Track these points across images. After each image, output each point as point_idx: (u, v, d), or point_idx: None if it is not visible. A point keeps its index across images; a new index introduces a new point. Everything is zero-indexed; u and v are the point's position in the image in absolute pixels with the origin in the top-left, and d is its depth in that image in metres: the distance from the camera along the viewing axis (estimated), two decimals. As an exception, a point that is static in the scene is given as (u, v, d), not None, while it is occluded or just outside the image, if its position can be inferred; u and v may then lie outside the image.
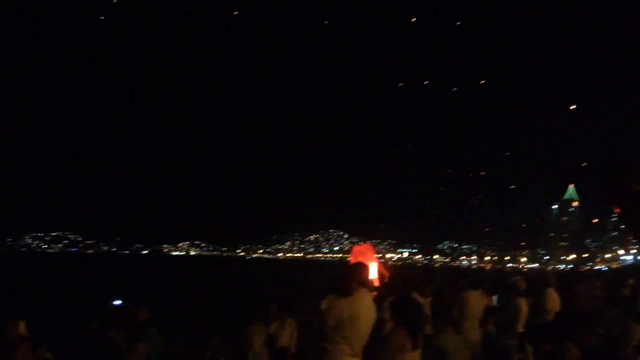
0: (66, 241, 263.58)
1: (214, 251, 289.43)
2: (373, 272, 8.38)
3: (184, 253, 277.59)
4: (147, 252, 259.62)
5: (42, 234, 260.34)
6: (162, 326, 6.85)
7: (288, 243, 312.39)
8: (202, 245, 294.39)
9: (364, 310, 4.14)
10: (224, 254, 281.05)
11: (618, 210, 3.50)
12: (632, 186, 3.11)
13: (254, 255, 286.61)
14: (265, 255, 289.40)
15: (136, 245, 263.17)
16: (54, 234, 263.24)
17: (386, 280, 7.53)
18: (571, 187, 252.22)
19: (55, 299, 27.97)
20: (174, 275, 67.81)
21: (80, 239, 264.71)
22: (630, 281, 12.35)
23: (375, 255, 8.77)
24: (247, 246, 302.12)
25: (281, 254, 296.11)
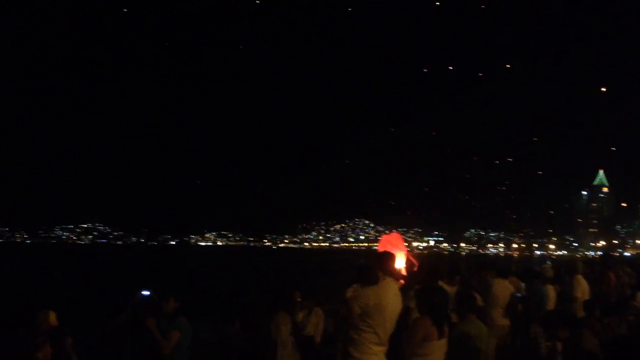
0: (95, 233, 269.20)
1: (241, 241, 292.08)
2: (401, 261, 8.40)
3: (211, 244, 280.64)
4: (174, 242, 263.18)
5: (72, 226, 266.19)
6: (191, 315, 7.00)
7: (314, 233, 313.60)
8: (229, 235, 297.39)
9: (390, 299, 4.16)
10: (251, 244, 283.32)
11: None
12: None
13: (280, 245, 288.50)
14: (292, 245, 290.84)
15: (164, 236, 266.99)
16: (83, 225, 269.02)
17: (415, 269, 7.54)
18: (601, 172, 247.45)
19: (85, 291, 28.61)
20: (201, 265, 68.69)
21: (109, 230, 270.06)
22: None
23: (403, 244, 8.77)
24: (274, 236, 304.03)
25: (307, 244, 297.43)
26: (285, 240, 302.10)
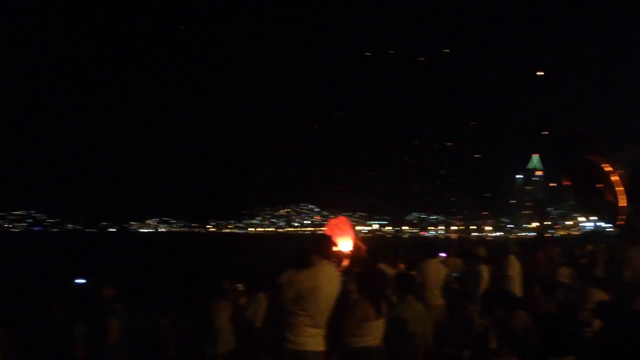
0: (30, 220, 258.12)
1: (184, 227, 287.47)
2: (348, 244, 8.47)
3: (152, 230, 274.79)
4: (114, 230, 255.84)
5: (4, 213, 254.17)
6: (128, 302, 6.87)
7: (259, 218, 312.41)
8: (171, 221, 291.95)
9: (325, 282, 4.10)
10: (195, 230, 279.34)
11: (568, 182, 3.61)
12: (584, 157, 3.21)
13: (225, 231, 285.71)
14: (236, 230, 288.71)
15: (103, 223, 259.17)
16: (17, 213, 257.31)
17: (363, 252, 7.62)
18: (535, 156, 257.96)
19: (19, 281, 27.44)
20: (141, 252, 67.18)
21: (45, 217, 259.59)
22: (589, 247, 12.82)
23: (351, 228, 8.84)
24: (218, 222, 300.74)
25: (252, 229, 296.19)
26: (230, 226, 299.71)
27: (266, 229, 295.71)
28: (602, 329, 3.96)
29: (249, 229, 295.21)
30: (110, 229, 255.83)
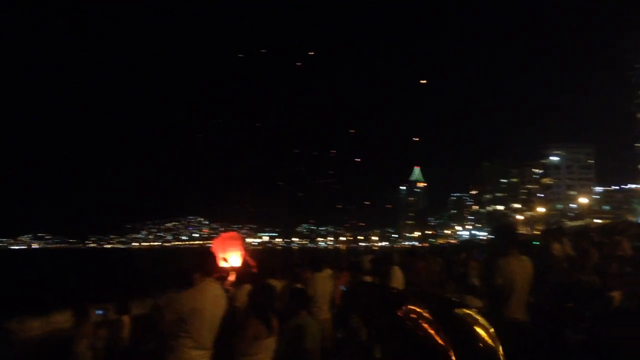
0: None
1: (61, 243, 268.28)
2: (238, 260, 8.34)
3: (25, 247, 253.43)
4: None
5: None
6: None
7: (144, 232, 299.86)
8: (47, 237, 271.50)
9: (210, 301, 4.00)
10: (72, 246, 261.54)
11: None
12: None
13: (106, 246, 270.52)
14: (119, 246, 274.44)
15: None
16: None
17: (253, 268, 7.54)
18: (417, 169, 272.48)
19: None
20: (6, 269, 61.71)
21: None
22: (463, 255, 13.69)
23: (241, 243, 8.71)
24: (99, 237, 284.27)
25: (137, 244, 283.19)
26: (112, 241, 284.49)
27: (152, 244, 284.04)
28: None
29: (133, 244, 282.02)
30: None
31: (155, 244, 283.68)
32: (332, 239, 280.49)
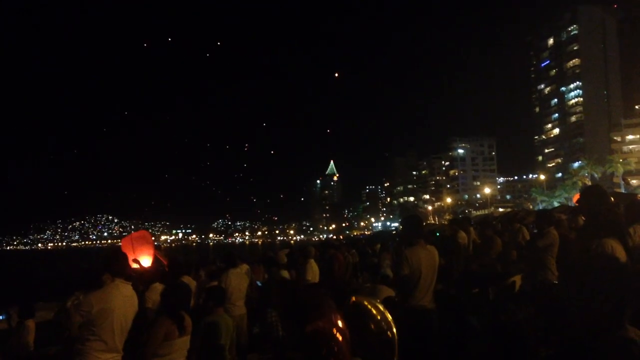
0: None
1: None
2: (148, 259, 8.07)
3: None
4: None
5: None
6: None
7: (49, 231, 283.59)
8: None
9: (119, 302, 3.91)
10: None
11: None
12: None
13: (8, 248, 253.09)
14: (22, 247, 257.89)
15: None
16: None
17: (165, 267, 7.34)
18: (332, 162, 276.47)
19: None
20: None
21: None
22: (377, 246, 14.05)
23: (151, 242, 8.44)
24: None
25: (41, 244, 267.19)
26: (14, 242, 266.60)
27: (57, 244, 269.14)
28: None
29: (39, 245, 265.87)
30: None
31: (61, 244, 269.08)
32: (248, 234, 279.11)
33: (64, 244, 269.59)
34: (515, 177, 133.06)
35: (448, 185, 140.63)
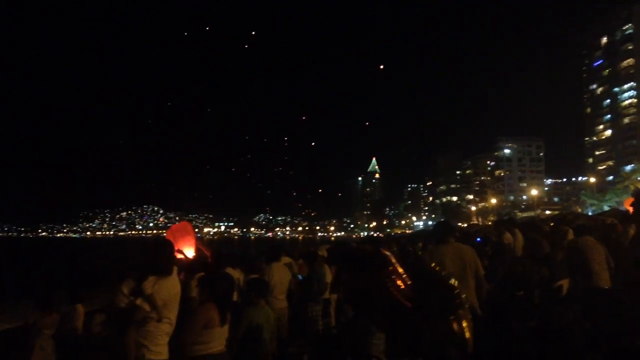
0: None
1: (9, 232, 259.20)
2: (191, 250, 8.25)
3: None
4: None
5: None
6: None
7: (97, 221, 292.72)
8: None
9: (179, 288, 4.19)
10: (22, 235, 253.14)
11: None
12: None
13: (59, 235, 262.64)
14: (72, 235, 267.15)
15: None
16: None
17: (207, 258, 7.49)
18: (374, 160, 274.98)
19: None
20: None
21: None
22: (420, 244, 13.93)
23: (192, 233, 8.63)
24: (51, 226, 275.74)
25: (89, 233, 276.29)
26: (64, 230, 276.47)
27: (105, 233, 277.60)
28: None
29: (87, 233, 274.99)
30: None
31: (109, 233, 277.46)
32: (289, 229, 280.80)
33: (112, 233, 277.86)
34: (564, 179, 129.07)
35: (493, 186, 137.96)
